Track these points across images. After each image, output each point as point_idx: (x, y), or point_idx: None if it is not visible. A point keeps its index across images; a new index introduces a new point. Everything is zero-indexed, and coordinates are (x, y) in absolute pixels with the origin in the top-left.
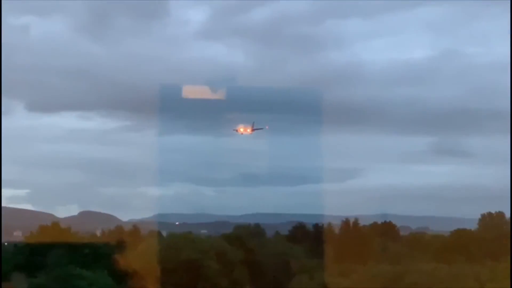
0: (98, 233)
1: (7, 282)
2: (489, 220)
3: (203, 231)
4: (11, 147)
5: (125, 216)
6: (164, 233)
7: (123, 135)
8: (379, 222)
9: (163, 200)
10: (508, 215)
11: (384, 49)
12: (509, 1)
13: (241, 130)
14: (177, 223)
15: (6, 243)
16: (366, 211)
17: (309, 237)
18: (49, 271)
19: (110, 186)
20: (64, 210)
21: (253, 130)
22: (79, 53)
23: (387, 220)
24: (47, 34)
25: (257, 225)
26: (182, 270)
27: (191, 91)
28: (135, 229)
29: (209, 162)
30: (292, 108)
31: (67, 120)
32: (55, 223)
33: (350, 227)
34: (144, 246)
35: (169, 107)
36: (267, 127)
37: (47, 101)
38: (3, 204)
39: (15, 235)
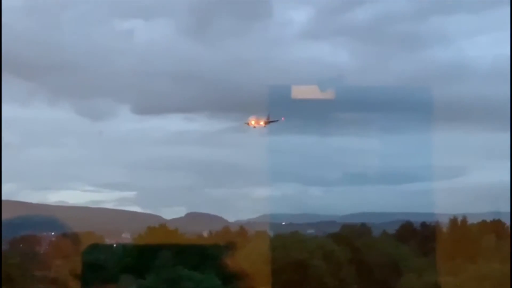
0: (206, 234)
1: (115, 284)
2: None
3: (310, 231)
4: (118, 150)
5: (232, 217)
6: (271, 234)
7: (229, 136)
8: (489, 220)
9: (270, 201)
10: None
11: (489, 45)
12: (509, 1)
13: (253, 123)
14: (283, 223)
15: (115, 245)
16: (474, 209)
17: (416, 236)
18: (157, 273)
19: (217, 187)
20: (172, 212)
21: (267, 122)
22: (183, 56)
23: (498, 218)
24: (152, 37)
25: (364, 225)
26: (289, 270)
27: (297, 91)
28: (242, 230)
29: (316, 162)
30: (399, 107)
31: (173, 123)
32: (163, 225)
33: (459, 225)
34: (251, 247)
35: (274, 107)
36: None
37: (153, 104)
38: (112, 207)
39: (124, 236)
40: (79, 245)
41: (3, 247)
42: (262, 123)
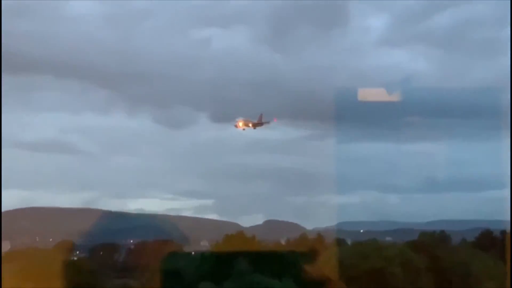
0: (283, 241)
1: None
2: None
3: (388, 238)
4: (197, 159)
5: (310, 224)
6: (349, 241)
7: (306, 144)
8: None
9: (347, 208)
10: None
11: None
12: (509, 1)
13: (240, 124)
14: (361, 230)
15: (193, 252)
16: None
17: (496, 244)
18: (235, 280)
19: (295, 195)
20: (249, 220)
21: (257, 124)
22: (261, 64)
23: None
24: (230, 45)
25: (443, 232)
26: (367, 278)
27: (372, 97)
28: (319, 237)
29: (391, 169)
30: (476, 113)
31: (251, 131)
32: (241, 232)
33: None
34: (329, 254)
35: (351, 115)
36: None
37: (231, 111)
38: (190, 215)
39: (202, 244)
40: (158, 253)
41: (83, 254)
42: (250, 125)
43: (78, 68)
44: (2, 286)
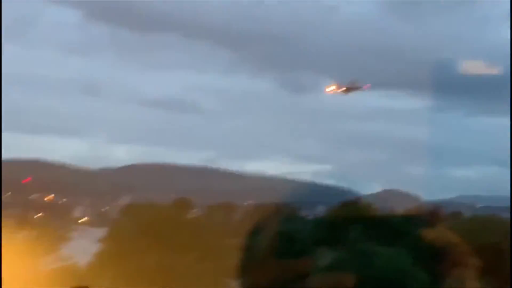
0: (399, 211)
1: (308, 255)
2: None
3: (507, 215)
4: (318, 124)
5: (427, 195)
6: (466, 215)
7: (429, 115)
8: None
9: (465, 182)
10: None
11: None
12: (509, 1)
13: (330, 89)
14: (480, 205)
15: (309, 216)
16: None
17: None
18: (348, 247)
19: (414, 165)
20: (366, 187)
21: (348, 90)
22: (387, 32)
23: None
24: (357, 11)
25: None
26: (483, 253)
27: (496, 70)
28: (436, 208)
29: None
30: None
31: (374, 99)
32: (357, 199)
33: None
34: (444, 227)
35: (474, 88)
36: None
37: (355, 79)
38: (308, 179)
39: (318, 209)
40: (274, 215)
41: (200, 212)
42: (340, 90)
43: (206, 27)
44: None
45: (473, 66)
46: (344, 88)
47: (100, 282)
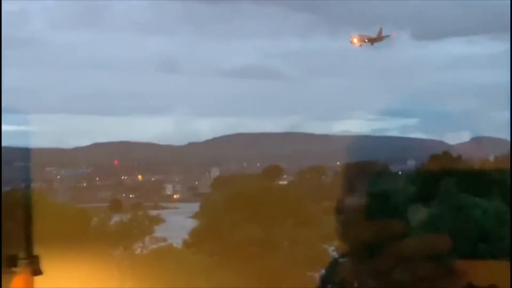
0: (491, 158)
1: (400, 213)
2: None
3: None
4: (400, 78)
5: None
6: None
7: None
8: None
9: None
10: None
11: None
12: (509, 1)
13: (355, 41)
14: None
15: (400, 173)
16: None
17: None
18: (441, 201)
19: (502, 110)
20: (456, 137)
21: (374, 39)
22: None
23: None
24: None
25: None
26: None
27: None
28: None
29: None
30: None
31: (453, 47)
32: (446, 152)
33: None
34: None
35: None
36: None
37: (434, 28)
38: (396, 134)
39: (408, 164)
40: (365, 174)
41: (291, 178)
42: (367, 40)
43: None
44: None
45: None
46: (370, 38)
47: (197, 259)
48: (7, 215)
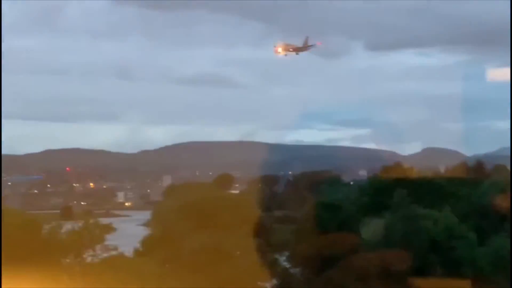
0: (442, 169)
1: (352, 223)
2: None
3: None
4: (353, 88)
5: (469, 151)
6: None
7: (464, 70)
8: None
9: (506, 134)
10: None
11: None
12: (509, 1)
13: (280, 50)
14: None
15: (352, 183)
16: None
17: None
18: (393, 211)
19: (453, 121)
20: (408, 148)
21: (299, 49)
22: None
23: None
24: None
25: None
26: None
27: None
28: (480, 164)
29: None
30: None
31: (406, 58)
32: (398, 163)
33: None
34: (490, 182)
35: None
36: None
37: (386, 39)
38: (348, 144)
39: (360, 174)
40: (317, 184)
41: (242, 187)
42: (291, 49)
43: (232, 1)
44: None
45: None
46: (295, 48)
47: (149, 268)
48: None
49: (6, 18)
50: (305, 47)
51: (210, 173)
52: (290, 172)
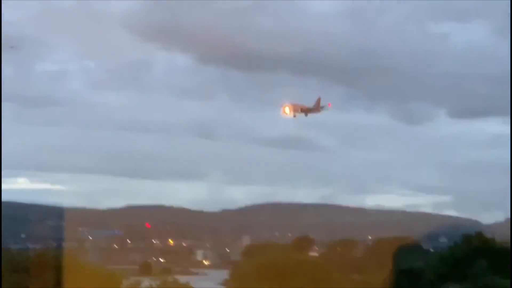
0: None
1: None
2: None
3: None
4: (435, 154)
5: None
6: None
7: None
8: None
9: None
10: None
11: None
12: (509, 1)
13: (287, 110)
14: None
15: (432, 250)
16: None
17: None
18: (473, 281)
19: None
20: (490, 217)
21: (309, 110)
22: (501, 57)
23: None
24: (468, 39)
25: None
26: None
27: None
28: None
29: None
30: None
31: (490, 126)
32: (479, 232)
33: None
34: None
35: None
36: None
37: (471, 107)
38: (428, 211)
39: (441, 241)
40: (396, 249)
41: (321, 250)
42: (300, 110)
43: (316, 64)
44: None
45: None
46: (304, 108)
47: None
48: (38, 274)
49: (91, 75)
50: (316, 108)
51: (289, 235)
52: (369, 237)
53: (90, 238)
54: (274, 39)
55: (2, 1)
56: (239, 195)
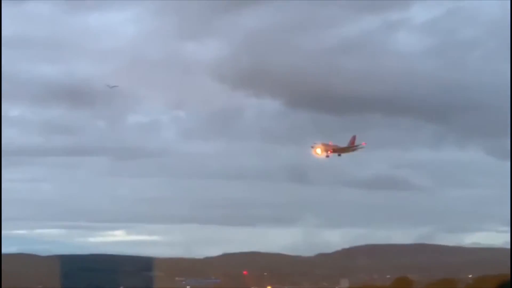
0: None
1: None
2: None
3: None
4: None
5: None
6: None
7: None
8: None
9: None
10: None
11: None
12: (509, 1)
13: (318, 150)
14: None
15: None
16: None
17: None
18: None
19: None
20: None
21: (343, 150)
22: None
23: None
24: None
25: None
26: None
27: None
28: None
29: None
30: None
31: None
32: None
33: None
34: None
35: None
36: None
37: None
38: None
39: None
40: (496, 287)
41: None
42: (332, 150)
43: (405, 104)
44: None
45: None
46: (335, 149)
47: None
48: None
49: (183, 124)
50: (350, 148)
51: (388, 276)
52: (469, 275)
53: (188, 287)
54: (362, 79)
55: None
56: (335, 238)
